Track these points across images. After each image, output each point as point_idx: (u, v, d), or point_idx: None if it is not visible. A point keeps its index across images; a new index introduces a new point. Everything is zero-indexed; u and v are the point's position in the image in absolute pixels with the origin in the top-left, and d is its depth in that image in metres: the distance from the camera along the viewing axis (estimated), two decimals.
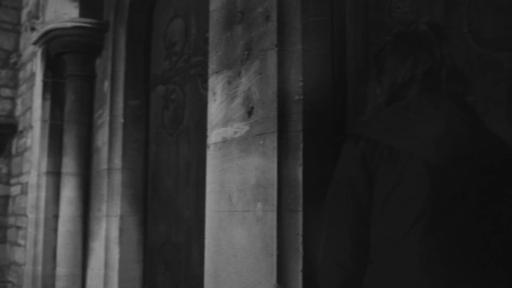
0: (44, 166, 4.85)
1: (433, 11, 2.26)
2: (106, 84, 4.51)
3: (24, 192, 6.23)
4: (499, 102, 1.99)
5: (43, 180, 4.82)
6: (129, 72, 4.36)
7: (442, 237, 1.32)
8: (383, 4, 2.49)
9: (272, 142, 2.51)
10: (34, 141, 5.16)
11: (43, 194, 4.81)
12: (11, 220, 6.72)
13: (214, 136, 2.92)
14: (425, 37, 1.54)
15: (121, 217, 4.22)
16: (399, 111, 1.47)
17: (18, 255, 6.31)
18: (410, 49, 1.54)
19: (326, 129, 2.57)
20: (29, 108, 6.25)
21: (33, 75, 6.03)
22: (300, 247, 2.44)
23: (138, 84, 4.38)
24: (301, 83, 2.53)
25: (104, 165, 4.39)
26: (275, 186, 2.47)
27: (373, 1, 2.54)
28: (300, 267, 2.43)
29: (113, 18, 4.53)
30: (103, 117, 4.50)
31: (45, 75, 4.99)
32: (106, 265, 4.25)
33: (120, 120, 4.34)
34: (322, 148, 2.55)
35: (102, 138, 4.48)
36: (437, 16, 2.24)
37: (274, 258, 2.43)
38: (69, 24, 4.56)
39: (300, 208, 2.45)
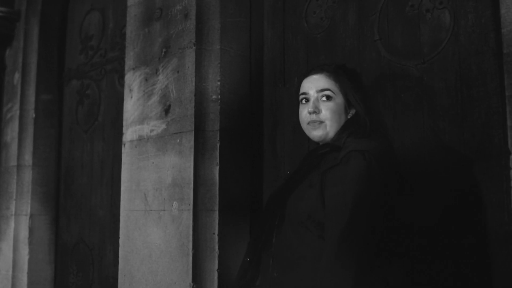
0: None
1: (348, 18, 2.35)
2: (17, 77, 4.29)
3: None
4: (407, 107, 2.10)
5: None
6: (42, 65, 4.18)
7: None
8: (300, 8, 2.55)
9: (188, 141, 2.50)
10: None
11: None
12: None
13: (130, 133, 2.86)
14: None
15: (31, 216, 4.05)
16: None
17: None
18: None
19: (243, 129, 2.60)
20: None
21: None
22: (216, 247, 2.45)
23: (51, 77, 4.20)
24: (219, 83, 2.54)
25: (13, 162, 4.18)
26: (191, 185, 2.46)
27: (291, 5, 2.59)
28: (216, 266, 2.44)
29: (25, 7, 4.32)
30: (12, 111, 4.28)
31: None
32: (15, 266, 4.05)
33: (31, 114, 4.15)
34: (238, 148, 2.57)
35: (11, 133, 4.26)
36: (351, 24, 2.33)
37: (190, 258, 2.42)
38: None
39: (216, 207, 2.47)
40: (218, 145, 2.49)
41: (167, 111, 2.64)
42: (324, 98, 1.79)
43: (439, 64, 2.02)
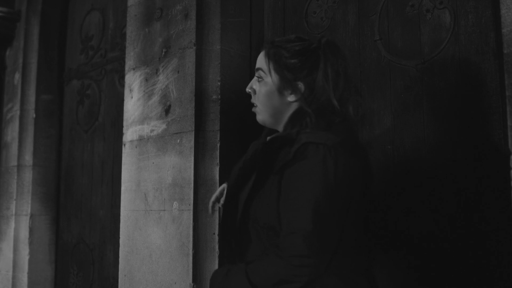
0: None
1: (348, 18, 2.35)
2: (17, 77, 4.30)
3: None
4: (407, 107, 2.10)
5: None
6: (42, 65, 4.18)
7: None
8: (300, 9, 2.55)
9: (189, 141, 2.50)
10: None
11: None
12: None
13: (130, 133, 2.86)
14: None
15: (32, 216, 4.05)
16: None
17: None
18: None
19: (243, 129, 2.60)
20: None
21: None
22: (216, 247, 2.45)
23: (51, 78, 4.21)
24: (219, 83, 2.53)
25: (13, 162, 4.18)
26: (192, 185, 2.46)
27: (291, 5, 2.59)
28: (216, 266, 2.44)
29: (25, 7, 4.32)
30: (13, 111, 4.28)
31: None
32: (15, 266, 4.05)
33: (31, 114, 4.15)
34: (239, 148, 2.57)
35: (11, 133, 4.27)
36: (351, 24, 2.33)
37: (190, 258, 2.42)
38: None
39: (217, 207, 2.46)
40: (218, 145, 2.49)
41: (167, 111, 2.64)
42: (258, 79, 1.61)
43: (439, 64, 2.02)
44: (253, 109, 1.64)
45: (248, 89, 1.64)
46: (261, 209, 1.48)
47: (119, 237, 2.85)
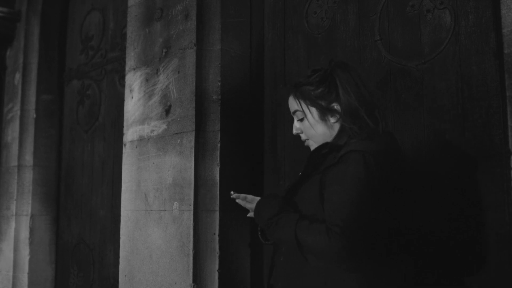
0: None
1: (348, 19, 2.35)
2: (17, 77, 4.30)
3: None
4: (407, 107, 2.10)
5: None
6: (42, 65, 4.18)
7: None
8: (301, 9, 2.55)
9: (189, 142, 2.50)
10: None
11: None
12: None
13: (130, 134, 2.86)
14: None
15: (32, 216, 4.05)
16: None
17: None
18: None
19: (244, 129, 2.60)
20: None
21: None
22: (217, 247, 2.45)
23: (51, 78, 4.21)
24: (219, 83, 2.54)
25: (14, 162, 4.18)
26: (192, 186, 2.46)
27: (291, 5, 2.59)
28: (217, 266, 2.45)
29: (25, 7, 4.32)
30: (13, 111, 4.28)
31: None
32: (15, 266, 4.06)
33: (32, 114, 4.15)
34: (239, 148, 2.58)
35: (12, 133, 4.27)
36: (352, 24, 2.33)
37: (190, 258, 2.42)
38: None
39: (217, 207, 2.47)
40: (218, 145, 2.49)
41: (167, 111, 2.64)
42: (298, 119, 1.80)
43: (440, 64, 2.02)
44: (306, 143, 1.82)
45: (295, 131, 1.83)
46: (300, 202, 1.70)
47: (119, 237, 2.85)
